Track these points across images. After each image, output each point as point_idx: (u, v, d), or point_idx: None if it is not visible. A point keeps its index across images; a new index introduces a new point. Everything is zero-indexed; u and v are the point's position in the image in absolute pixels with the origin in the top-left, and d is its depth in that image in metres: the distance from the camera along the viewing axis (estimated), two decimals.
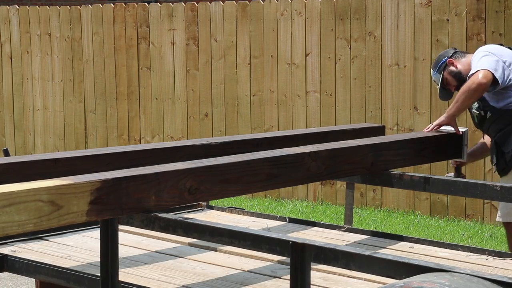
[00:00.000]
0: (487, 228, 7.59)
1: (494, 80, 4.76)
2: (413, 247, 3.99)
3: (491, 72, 4.73)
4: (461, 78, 5.10)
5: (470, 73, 4.82)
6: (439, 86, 5.23)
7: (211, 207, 4.85)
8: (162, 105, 9.57)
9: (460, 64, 5.16)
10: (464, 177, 5.01)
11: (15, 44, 10.52)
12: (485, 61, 4.80)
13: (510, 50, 5.04)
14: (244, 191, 3.42)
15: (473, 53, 5.15)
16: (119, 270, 3.13)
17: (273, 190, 8.67)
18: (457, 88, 5.17)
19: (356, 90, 8.47)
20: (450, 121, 4.71)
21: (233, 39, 9.12)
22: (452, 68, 5.16)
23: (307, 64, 8.73)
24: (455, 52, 5.26)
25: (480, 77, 4.69)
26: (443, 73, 5.17)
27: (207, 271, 3.49)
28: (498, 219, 5.36)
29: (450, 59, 5.18)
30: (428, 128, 4.71)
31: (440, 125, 4.71)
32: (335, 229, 4.36)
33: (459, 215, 7.98)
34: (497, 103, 4.95)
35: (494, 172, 5.17)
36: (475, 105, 5.05)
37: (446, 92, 5.25)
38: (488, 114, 4.99)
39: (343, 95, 8.55)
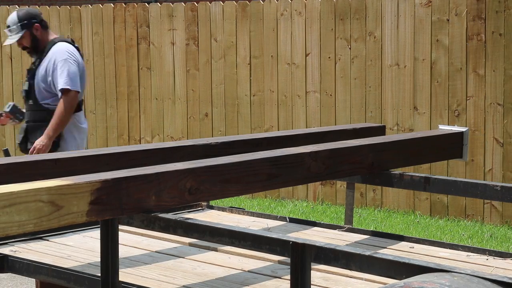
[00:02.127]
0: (487, 228, 7.59)
1: None
2: (413, 247, 3.98)
3: None
4: None
5: None
6: None
7: (211, 207, 4.84)
8: (162, 105, 9.57)
9: None
10: None
11: (15, 44, 10.49)
12: None
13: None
14: (244, 191, 3.41)
15: None
16: (119, 270, 3.13)
17: (273, 190, 8.67)
18: None
19: (356, 90, 8.47)
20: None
21: (233, 39, 9.12)
22: None
23: (307, 64, 8.73)
24: None
25: None
26: None
27: (207, 271, 3.49)
28: None
29: None
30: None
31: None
32: (335, 229, 4.35)
33: (459, 215, 7.98)
34: None
35: None
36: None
37: None
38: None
39: (343, 95, 8.55)
